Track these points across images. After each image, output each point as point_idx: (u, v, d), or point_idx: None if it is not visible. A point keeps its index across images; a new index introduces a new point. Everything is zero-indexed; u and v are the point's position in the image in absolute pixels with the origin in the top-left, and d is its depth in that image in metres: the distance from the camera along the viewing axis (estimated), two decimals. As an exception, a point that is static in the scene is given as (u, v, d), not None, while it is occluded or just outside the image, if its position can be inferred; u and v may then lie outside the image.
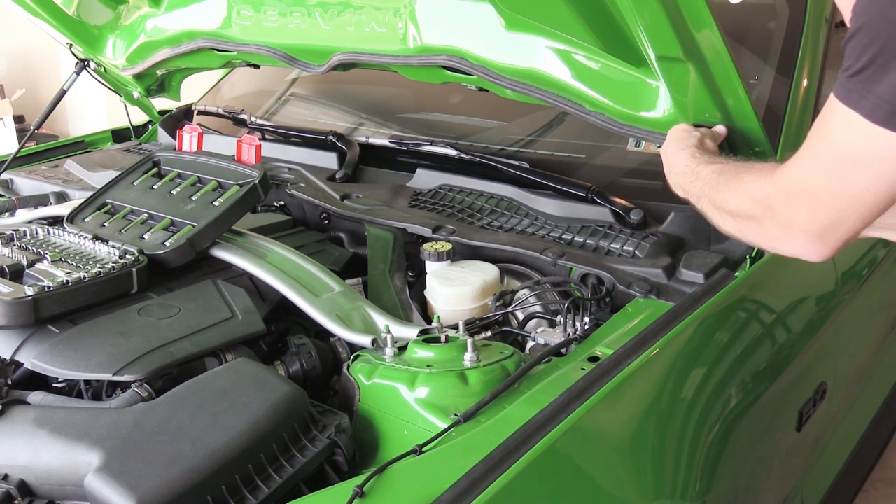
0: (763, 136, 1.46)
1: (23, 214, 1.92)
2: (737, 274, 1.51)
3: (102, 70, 2.45)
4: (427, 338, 1.31)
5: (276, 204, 2.01)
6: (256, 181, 1.66)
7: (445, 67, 1.73)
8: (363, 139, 2.20)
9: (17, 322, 1.31)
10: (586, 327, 1.35)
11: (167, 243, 1.55)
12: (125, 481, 0.97)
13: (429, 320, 1.56)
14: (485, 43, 1.66)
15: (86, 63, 2.42)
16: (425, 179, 1.98)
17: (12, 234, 1.61)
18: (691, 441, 1.28)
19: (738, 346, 1.44)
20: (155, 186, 1.75)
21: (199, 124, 2.22)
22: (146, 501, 0.95)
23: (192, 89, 2.65)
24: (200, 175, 1.74)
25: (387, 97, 2.44)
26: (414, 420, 1.17)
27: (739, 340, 1.45)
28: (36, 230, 1.64)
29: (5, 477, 1.06)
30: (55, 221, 1.76)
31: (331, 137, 2.19)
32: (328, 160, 2.14)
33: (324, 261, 1.65)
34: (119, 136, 2.71)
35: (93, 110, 5.26)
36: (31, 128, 2.44)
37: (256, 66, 2.29)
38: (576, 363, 1.24)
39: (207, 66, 2.32)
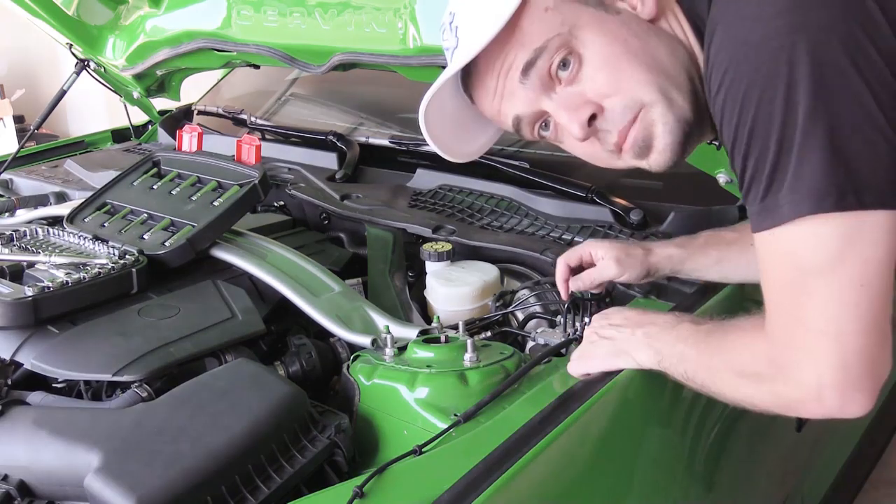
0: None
1: (23, 214, 1.92)
2: (737, 274, 1.51)
3: (102, 70, 2.45)
4: (427, 338, 1.31)
5: (276, 204, 2.01)
6: (256, 181, 1.66)
7: (445, 67, 1.73)
8: (363, 139, 2.20)
9: (17, 322, 1.31)
10: (586, 327, 1.35)
11: (167, 243, 1.55)
12: (125, 482, 0.97)
13: (429, 320, 1.56)
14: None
15: (86, 63, 2.42)
16: (425, 179, 1.98)
17: (12, 234, 1.61)
18: (692, 441, 1.28)
19: (738, 346, 1.43)
20: (155, 186, 1.75)
21: (198, 124, 2.22)
22: (146, 502, 0.95)
23: (192, 89, 2.65)
24: (200, 175, 1.73)
25: (387, 97, 2.44)
26: (414, 420, 1.17)
27: (739, 340, 1.45)
28: (36, 230, 1.64)
29: (5, 477, 1.06)
30: (55, 221, 1.76)
31: (331, 137, 2.20)
32: (328, 160, 2.14)
33: (324, 261, 1.65)
34: (119, 136, 2.71)
35: (93, 110, 5.25)
36: (31, 128, 2.44)
37: (256, 66, 2.29)
38: (576, 363, 1.24)
39: (207, 66, 2.32)
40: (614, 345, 1.19)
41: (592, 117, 1.05)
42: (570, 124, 1.05)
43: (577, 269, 1.38)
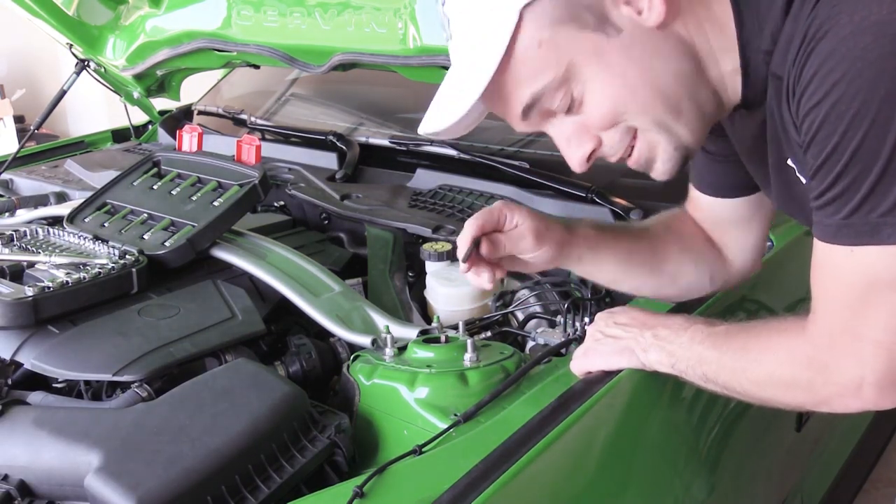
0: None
1: (23, 214, 1.92)
2: (737, 274, 1.51)
3: (102, 70, 2.45)
4: (427, 338, 1.31)
5: (276, 204, 2.01)
6: (256, 181, 1.66)
7: (445, 67, 1.73)
8: (363, 139, 2.20)
9: (18, 322, 1.31)
10: (586, 327, 1.35)
11: (167, 243, 1.55)
12: (125, 481, 0.97)
13: (429, 320, 1.56)
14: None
15: (86, 63, 2.42)
16: (425, 179, 1.98)
17: (12, 234, 1.61)
18: (692, 441, 1.28)
19: (738, 346, 1.43)
20: (155, 186, 1.75)
21: (199, 124, 2.22)
22: (146, 501, 0.95)
23: (192, 89, 2.65)
24: (200, 175, 1.73)
25: (387, 97, 2.44)
26: (414, 420, 1.17)
27: (739, 340, 1.45)
28: (36, 230, 1.64)
29: (5, 477, 1.06)
30: (55, 221, 1.76)
31: (331, 137, 2.20)
32: (328, 160, 2.14)
33: (324, 261, 1.65)
34: (119, 136, 2.71)
35: (93, 110, 5.26)
36: (31, 128, 2.44)
37: (256, 66, 2.29)
38: (576, 363, 1.24)
39: (207, 66, 2.32)
40: (620, 343, 1.19)
41: (592, 151, 1.04)
42: (569, 158, 1.05)
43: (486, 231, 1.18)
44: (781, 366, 1.00)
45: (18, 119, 5.47)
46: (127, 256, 1.49)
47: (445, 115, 1.00)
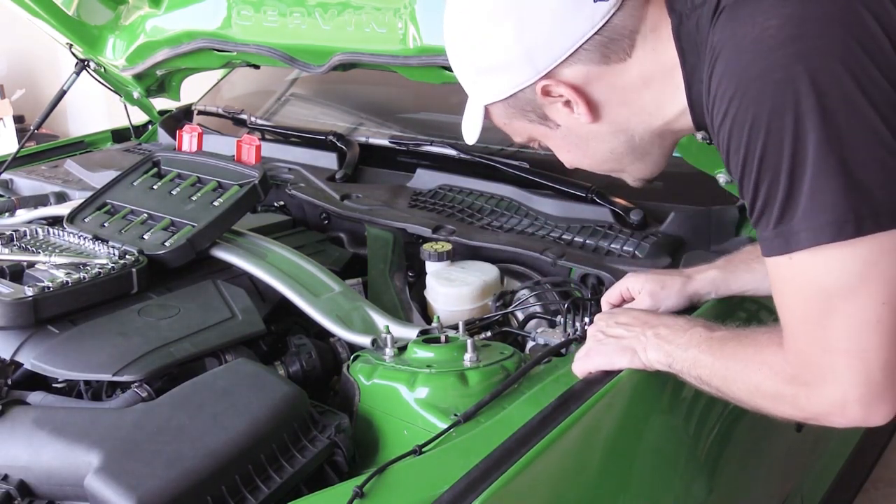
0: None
1: (23, 214, 1.92)
2: (737, 274, 1.51)
3: (102, 70, 2.45)
4: (427, 338, 1.31)
5: (276, 204, 2.01)
6: (256, 181, 1.66)
7: (445, 67, 1.73)
8: (363, 139, 2.20)
9: (17, 322, 1.31)
10: (586, 327, 1.35)
11: (167, 243, 1.55)
12: (125, 481, 0.97)
13: (429, 320, 1.56)
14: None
15: (86, 63, 2.42)
16: (425, 179, 1.98)
17: (12, 234, 1.61)
18: (692, 441, 1.28)
19: (738, 346, 1.43)
20: (155, 187, 1.75)
21: (199, 124, 2.22)
22: (146, 502, 0.95)
23: (192, 89, 2.65)
24: (200, 175, 1.73)
25: (387, 97, 2.44)
26: (414, 420, 1.17)
27: (739, 340, 1.45)
28: (36, 230, 1.64)
29: (5, 477, 1.06)
30: (55, 221, 1.76)
31: (331, 137, 2.20)
32: (328, 160, 2.14)
33: (324, 261, 1.65)
34: (119, 136, 2.71)
35: (93, 110, 5.25)
36: (31, 128, 2.44)
37: (256, 67, 2.29)
38: (576, 363, 1.23)
39: (207, 66, 2.32)
40: (622, 343, 1.20)
41: None
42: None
43: (620, 305, 1.37)
44: (766, 381, 1.01)
45: (18, 119, 5.47)
46: (127, 256, 1.49)
47: (468, 136, 1.22)
